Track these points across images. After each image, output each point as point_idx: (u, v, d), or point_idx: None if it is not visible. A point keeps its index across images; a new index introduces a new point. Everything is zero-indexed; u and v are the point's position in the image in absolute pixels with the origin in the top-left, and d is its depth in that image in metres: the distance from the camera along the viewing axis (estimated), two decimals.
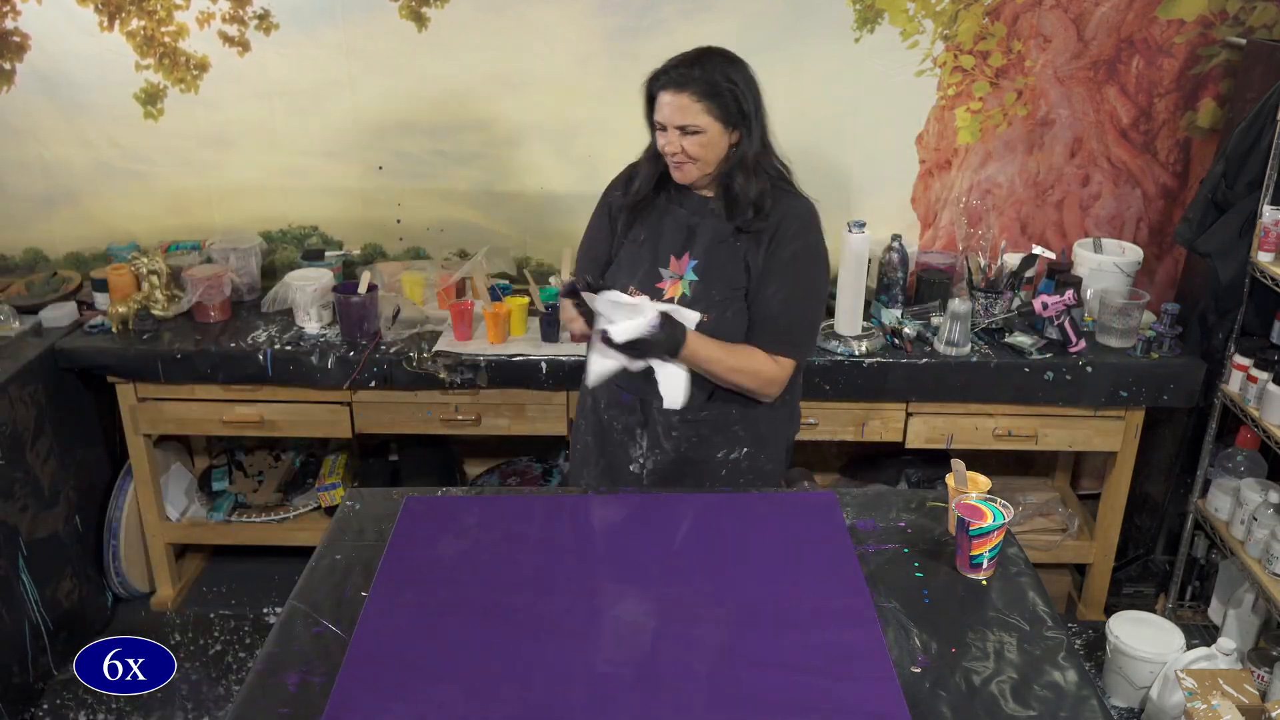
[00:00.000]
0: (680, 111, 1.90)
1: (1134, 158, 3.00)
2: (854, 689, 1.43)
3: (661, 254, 2.01)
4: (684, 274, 1.99)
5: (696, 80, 1.89)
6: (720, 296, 1.97)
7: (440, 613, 1.59)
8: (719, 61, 1.92)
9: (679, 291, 1.98)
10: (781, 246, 1.97)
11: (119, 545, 2.98)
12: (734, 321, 1.98)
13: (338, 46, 2.91)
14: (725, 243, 1.98)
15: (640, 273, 2.02)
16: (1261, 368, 2.56)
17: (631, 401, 2.09)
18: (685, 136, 1.92)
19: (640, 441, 2.12)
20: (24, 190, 3.09)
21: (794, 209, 2.00)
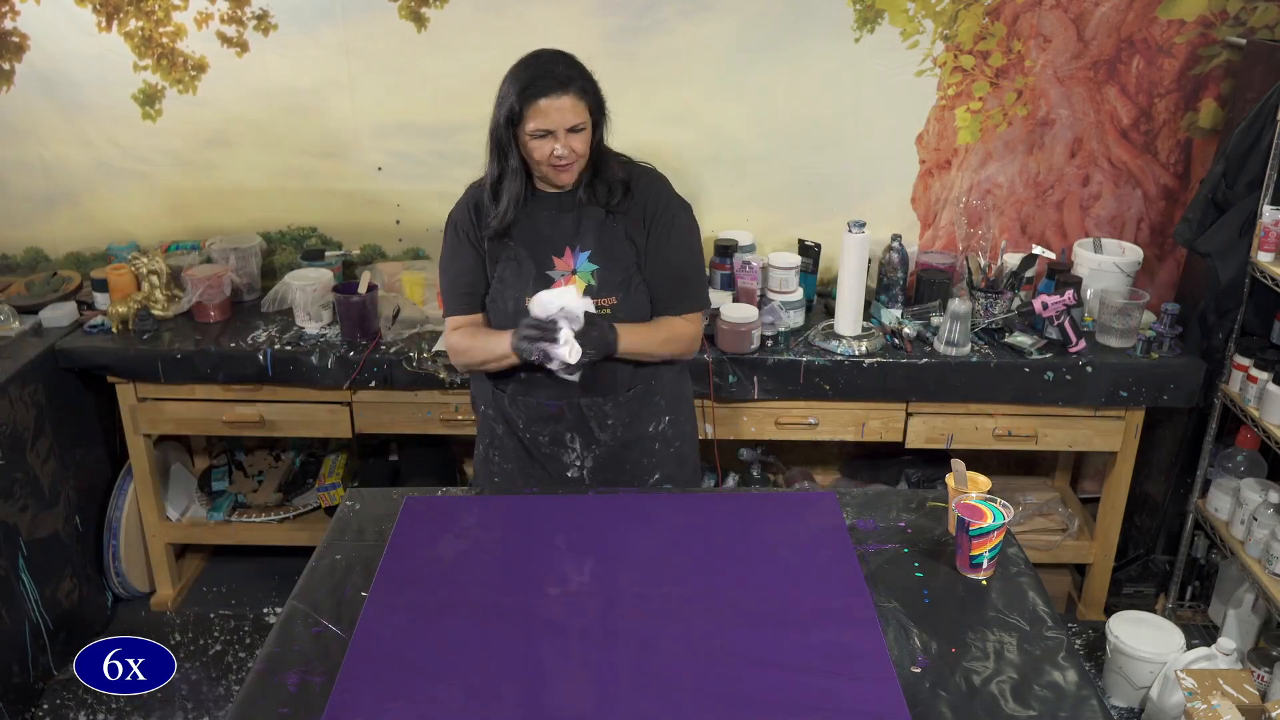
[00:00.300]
0: (570, 112, 1.91)
1: (1134, 158, 3.00)
2: (854, 689, 1.43)
3: (542, 258, 2.02)
4: (576, 267, 2.01)
5: (575, 79, 1.92)
6: (620, 278, 2.02)
7: (440, 613, 1.59)
8: (573, 59, 1.96)
9: (582, 285, 1.98)
10: (659, 216, 2.05)
11: (119, 545, 2.98)
12: (637, 299, 2.04)
13: (337, 47, 2.91)
14: (606, 226, 2.02)
15: (530, 281, 2.01)
16: (1261, 368, 2.56)
17: (559, 408, 2.09)
18: (572, 136, 1.93)
19: (573, 445, 2.12)
20: (24, 190, 3.09)
21: (648, 178, 2.09)
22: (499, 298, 2.04)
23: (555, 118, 1.90)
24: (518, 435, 2.14)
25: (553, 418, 2.09)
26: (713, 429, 2.76)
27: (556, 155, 1.93)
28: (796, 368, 2.66)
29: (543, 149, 1.93)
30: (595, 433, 2.11)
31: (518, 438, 2.14)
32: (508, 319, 2.00)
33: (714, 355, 2.66)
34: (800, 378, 2.67)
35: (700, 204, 3.07)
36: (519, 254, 2.02)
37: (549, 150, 1.93)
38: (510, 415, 2.12)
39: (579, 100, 1.92)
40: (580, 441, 2.12)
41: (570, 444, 2.12)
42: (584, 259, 2.01)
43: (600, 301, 2.00)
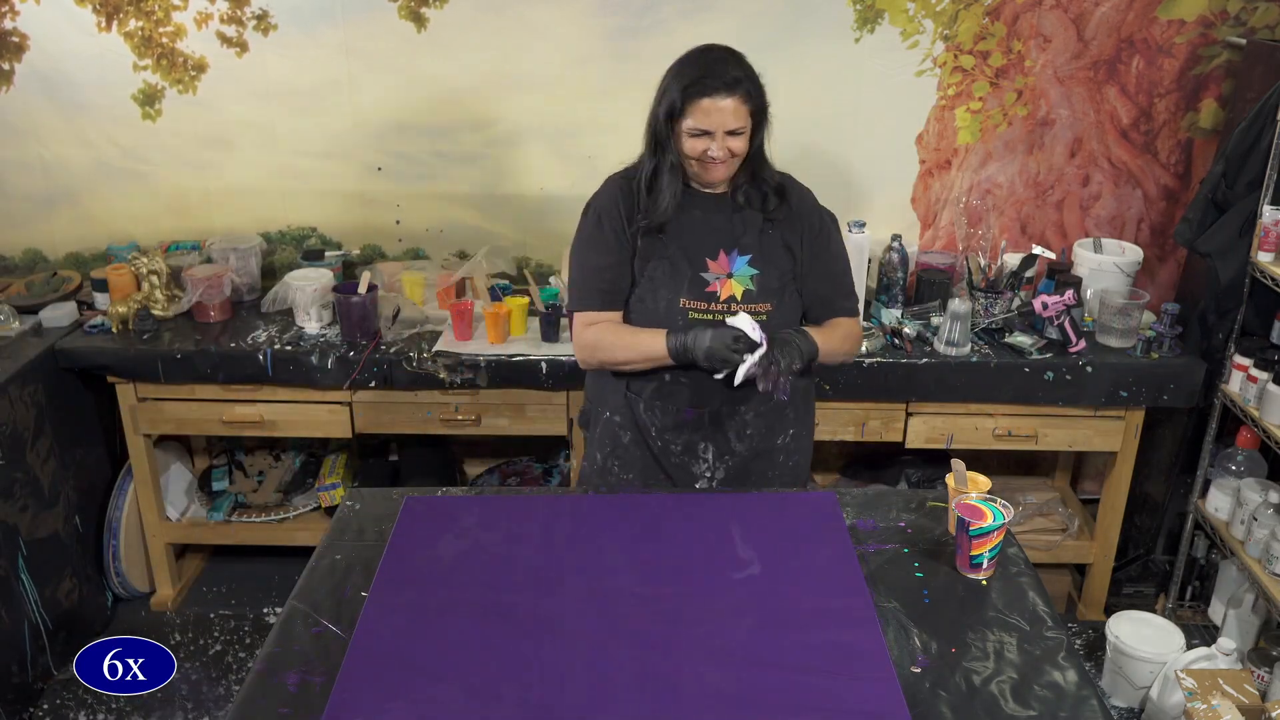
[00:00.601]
0: (733, 115, 1.88)
1: (1134, 158, 3.00)
2: (854, 689, 1.43)
3: (696, 259, 1.98)
4: (733, 271, 1.98)
5: (742, 82, 1.89)
6: (778, 285, 2.00)
7: (440, 613, 1.59)
8: (742, 59, 1.93)
9: (739, 289, 1.97)
10: (818, 228, 2.05)
11: (119, 545, 2.98)
12: (790, 306, 2.03)
13: (337, 47, 2.91)
14: (765, 232, 2.00)
15: (685, 283, 1.97)
16: (1261, 368, 2.56)
17: (697, 416, 2.04)
18: (730, 138, 1.90)
19: (705, 455, 2.08)
20: (24, 190, 3.09)
21: (800, 188, 2.08)
22: (649, 297, 1.98)
23: (716, 118, 1.88)
24: (647, 444, 2.08)
25: (689, 425, 2.05)
26: None
27: (710, 155, 1.91)
28: None
29: (697, 146, 1.91)
30: (732, 442, 2.07)
31: (647, 446, 2.09)
32: (657, 319, 1.96)
33: None
34: None
35: None
36: (673, 253, 1.98)
37: (703, 149, 1.91)
38: (644, 422, 2.06)
39: (743, 104, 1.88)
40: (714, 451, 2.07)
41: (703, 454, 2.08)
42: (743, 263, 1.98)
43: (757, 307, 1.97)
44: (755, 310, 1.96)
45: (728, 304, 1.97)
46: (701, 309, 1.96)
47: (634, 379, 2.04)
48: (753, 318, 1.89)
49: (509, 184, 3.07)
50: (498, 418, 2.81)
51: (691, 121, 1.89)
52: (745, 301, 1.97)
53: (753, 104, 1.91)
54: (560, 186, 3.07)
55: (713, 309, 1.96)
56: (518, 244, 3.14)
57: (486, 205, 3.11)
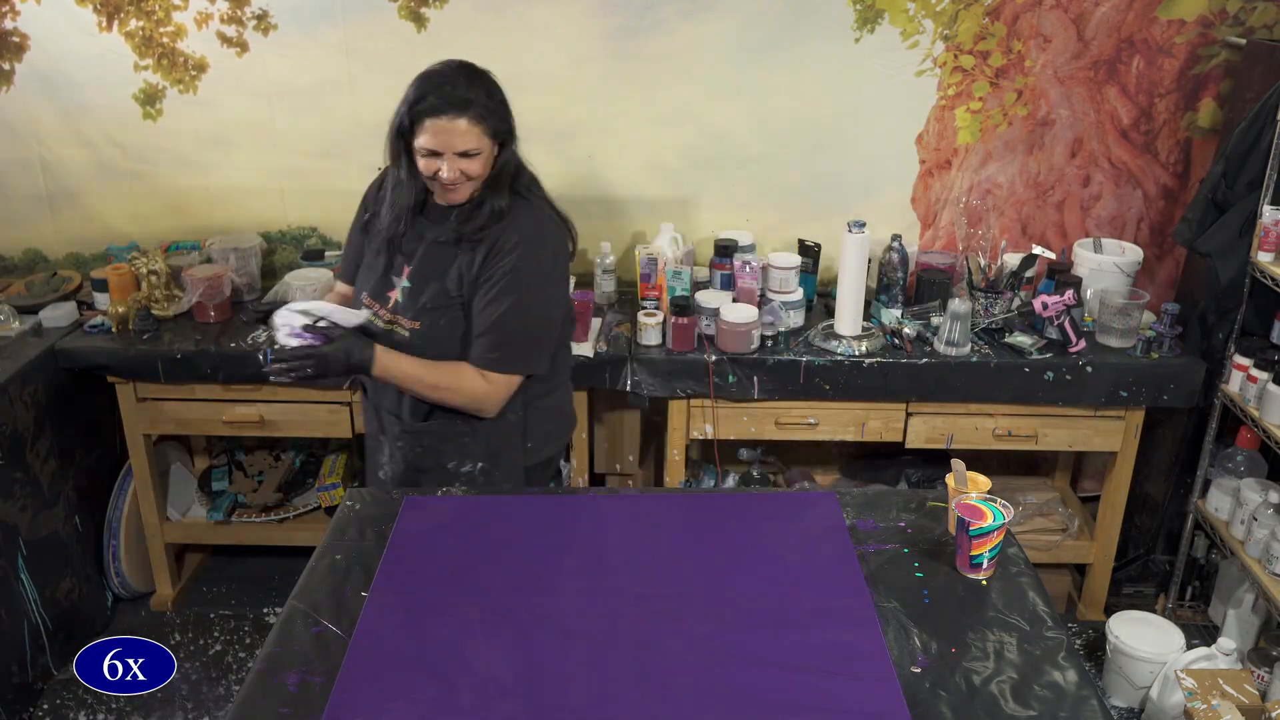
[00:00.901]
0: (462, 136, 1.83)
1: (1134, 158, 3.00)
2: (854, 689, 1.43)
3: (396, 262, 2.00)
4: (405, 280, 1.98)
5: (473, 103, 1.84)
6: (431, 304, 1.95)
7: (440, 613, 1.59)
8: (481, 78, 1.89)
9: (399, 297, 1.96)
10: (495, 259, 1.92)
11: (119, 545, 2.98)
12: (446, 330, 1.96)
13: (337, 47, 2.91)
14: (440, 249, 1.95)
15: (374, 281, 2.02)
16: (1261, 368, 2.56)
17: (368, 408, 2.11)
18: (463, 159, 1.86)
19: (384, 446, 2.13)
20: (24, 190, 3.09)
21: (522, 224, 1.94)
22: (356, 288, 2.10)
23: (445, 139, 1.83)
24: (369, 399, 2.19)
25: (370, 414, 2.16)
26: (713, 429, 2.76)
27: (441, 176, 1.87)
28: (796, 368, 2.66)
29: (429, 166, 1.88)
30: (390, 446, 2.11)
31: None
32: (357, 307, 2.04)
33: (714, 355, 2.66)
34: (800, 378, 2.67)
35: (700, 204, 3.09)
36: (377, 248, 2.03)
37: (434, 169, 1.88)
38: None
39: (474, 124, 1.84)
40: (387, 450, 2.12)
41: (383, 445, 2.13)
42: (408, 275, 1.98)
43: (402, 320, 1.97)
44: (399, 323, 1.96)
45: (389, 310, 1.99)
46: (375, 309, 2.02)
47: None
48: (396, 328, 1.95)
49: None
50: None
51: (421, 140, 1.85)
52: (394, 311, 1.97)
53: (489, 125, 1.86)
54: (560, 186, 3.02)
55: (380, 312, 2.01)
56: None
57: None
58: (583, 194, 3.07)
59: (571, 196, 3.05)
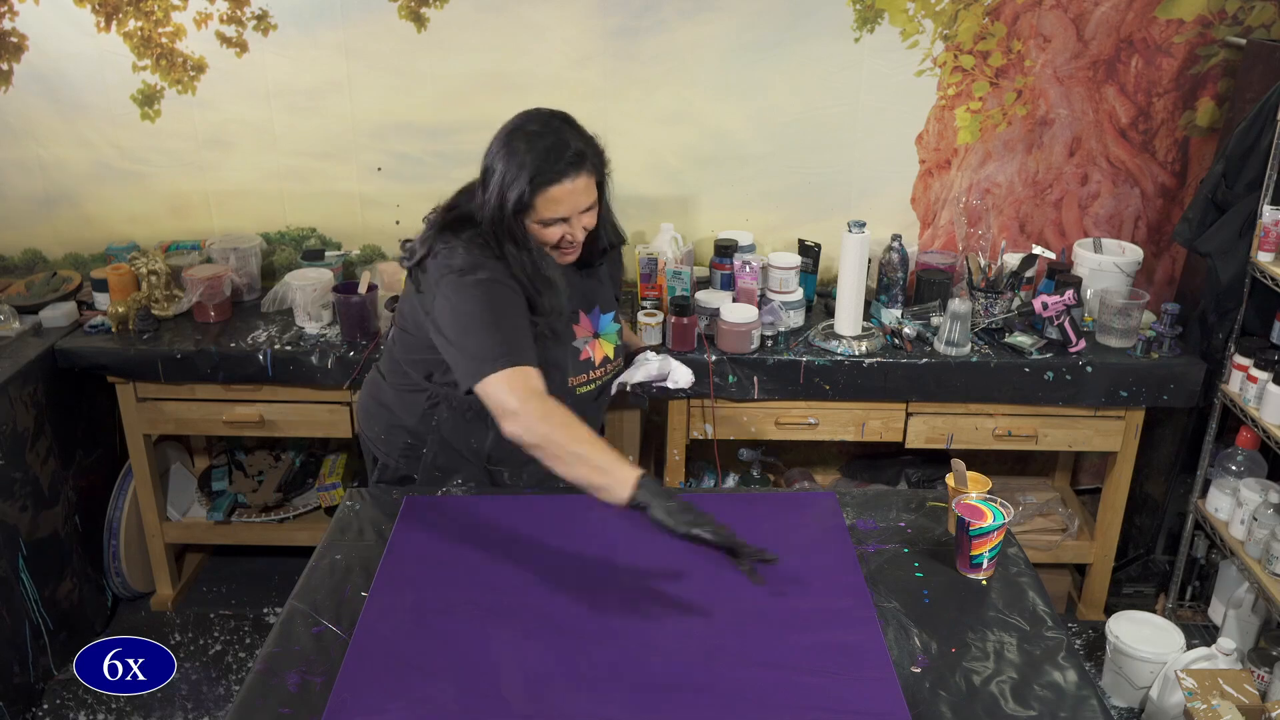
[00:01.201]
0: (585, 194, 1.73)
1: (1133, 157, 3.00)
2: (854, 689, 1.43)
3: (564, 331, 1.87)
4: (599, 330, 1.90)
5: (586, 155, 1.72)
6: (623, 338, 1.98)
7: (440, 613, 1.59)
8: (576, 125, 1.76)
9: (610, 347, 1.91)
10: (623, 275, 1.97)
11: (119, 545, 2.98)
12: None
13: (336, 47, 2.91)
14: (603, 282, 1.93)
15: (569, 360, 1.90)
16: (1261, 368, 2.56)
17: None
18: (585, 215, 1.77)
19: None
20: (24, 190, 3.09)
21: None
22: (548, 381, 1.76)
23: (571, 201, 1.71)
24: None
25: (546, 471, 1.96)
26: (713, 429, 2.76)
27: (568, 240, 1.75)
28: (796, 368, 2.67)
29: (553, 235, 1.74)
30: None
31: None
32: None
33: (714, 355, 2.66)
34: (800, 378, 2.67)
35: (700, 204, 3.09)
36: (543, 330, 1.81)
37: (559, 235, 1.74)
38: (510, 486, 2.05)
39: (590, 177, 1.73)
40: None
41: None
42: (607, 320, 1.88)
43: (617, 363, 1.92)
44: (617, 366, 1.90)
45: (603, 367, 1.89)
46: (584, 381, 1.90)
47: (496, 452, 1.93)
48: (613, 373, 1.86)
49: None
50: None
51: (543, 213, 1.71)
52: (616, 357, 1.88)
53: (599, 173, 1.76)
54: None
55: (592, 377, 1.91)
56: None
57: None
58: None
59: None
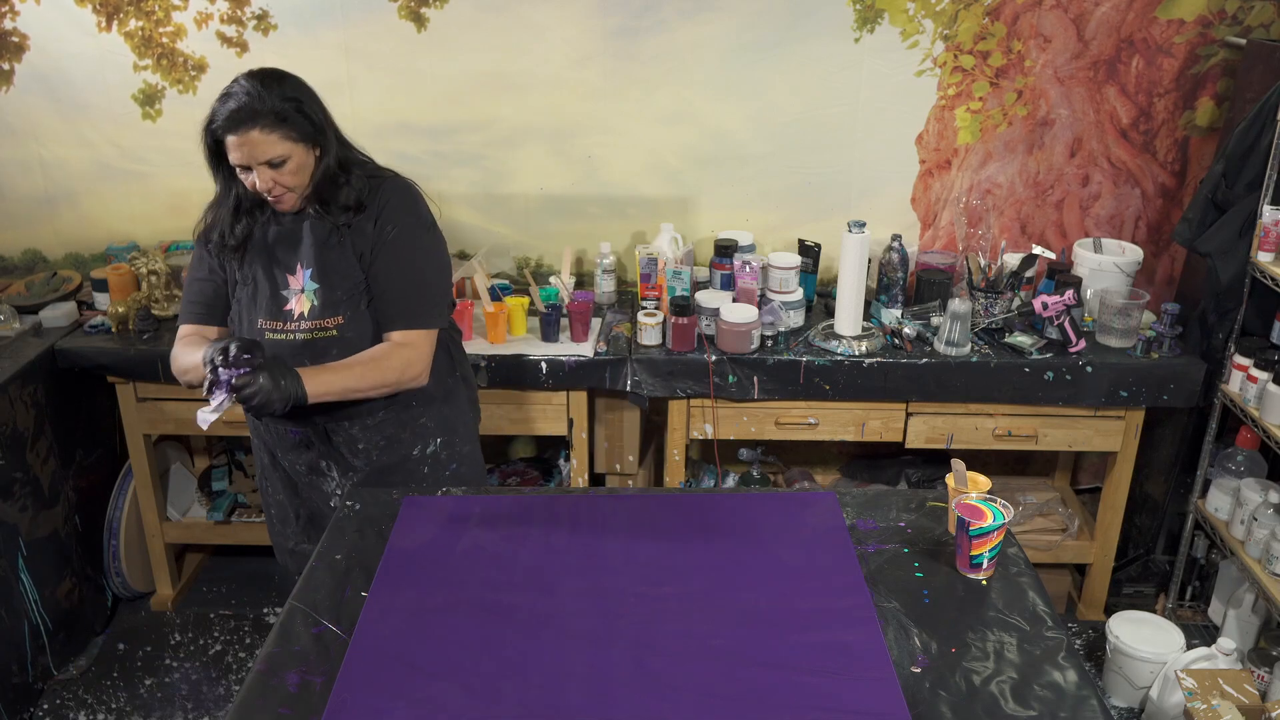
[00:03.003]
0: (261, 147, 1.83)
1: (1133, 157, 3.00)
2: (854, 689, 1.43)
3: (278, 277, 1.96)
4: (304, 286, 1.95)
5: (262, 113, 1.82)
6: (345, 295, 1.95)
7: (440, 613, 1.59)
8: (273, 84, 1.86)
9: (308, 304, 1.94)
10: (384, 227, 1.95)
11: (119, 545, 2.98)
12: (368, 314, 1.97)
13: (337, 47, 2.91)
14: (330, 243, 1.95)
15: (263, 303, 1.96)
16: (1261, 368, 2.56)
17: (302, 434, 2.04)
18: (274, 169, 1.86)
19: (330, 473, 2.09)
20: (24, 190, 3.10)
21: (387, 191, 1.98)
22: (237, 320, 2.00)
23: (246, 152, 1.83)
24: (281, 465, 2.11)
25: (302, 444, 2.06)
26: (713, 429, 2.76)
27: (264, 189, 1.87)
28: (796, 368, 2.67)
29: (247, 180, 1.87)
30: (348, 458, 2.08)
31: (282, 468, 2.11)
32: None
33: (714, 355, 2.66)
34: (800, 378, 2.67)
35: (700, 204, 3.09)
36: (256, 273, 1.96)
37: (253, 182, 1.87)
38: (270, 443, 2.09)
39: (270, 133, 1.82)
40: (337, 469, 2.09)
41: (328, 471, 2.09)
42: (307, 276, 1.94)
43: (325, 322, 1.95)
44: (323, 325, 1.93)
45: (299, 321, 1.94)
46: (278, 328, 1.95)
47: None
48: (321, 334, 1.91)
49: (509, 184, 3.08)
50: (498, 418, 2.81)
51: (231, 157, 1.85)
52: (312, 317, 1.93)
53: (284, 131, 1.84)
54: (560, 186, 3.07)
55: (287, 328, 1.95)
56: (518, 244, 3.14)
57: (486, 205, 3.11)
58: (583, 194, 3.07)
59: (571, 196, 3.07)
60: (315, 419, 2.01)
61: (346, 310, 1.95)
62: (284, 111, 1.84)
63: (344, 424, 2.03)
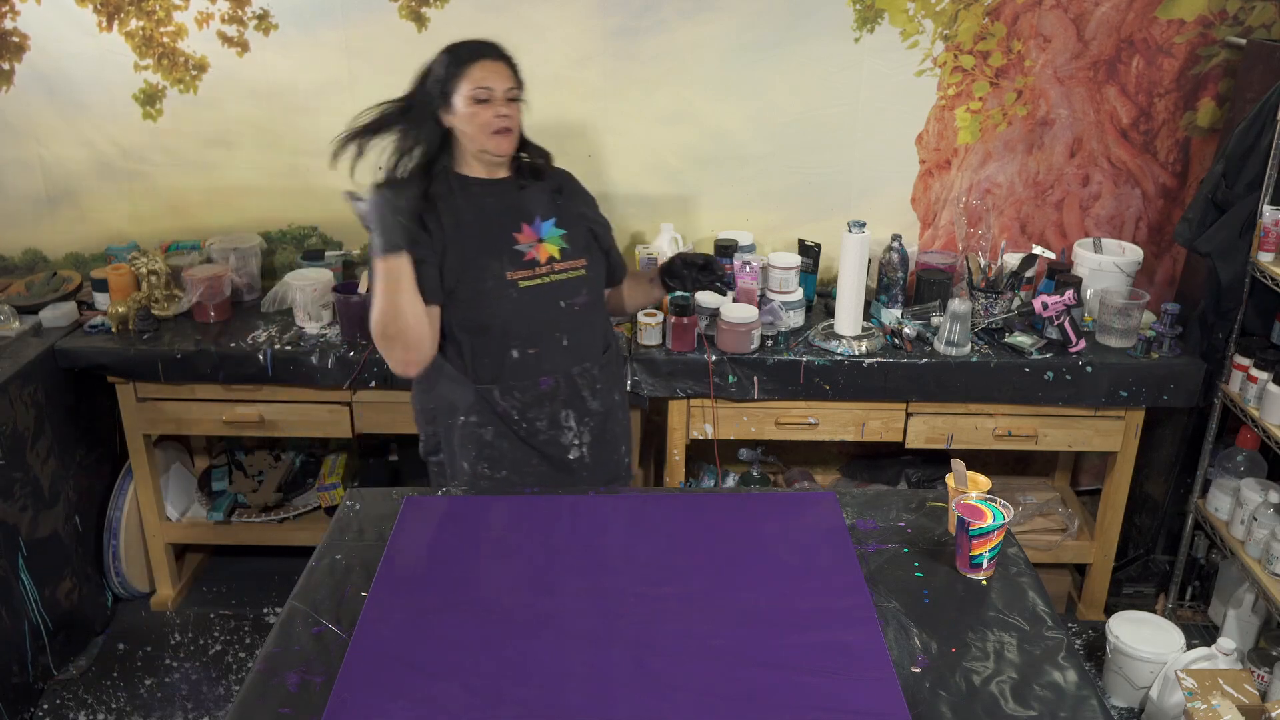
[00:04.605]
0: (508, 77, 1.97)
1: (1134, 157, 3.00)
2: (854, 689, 1.43)
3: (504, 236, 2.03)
4: (542, 236, 2.05)
5: (503, 51, 2.00)
6: (584, 244, 2.11)
7: (440, 613, 1.60)
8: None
9: (554, 249, 2.05)
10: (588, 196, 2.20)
11: (119, 545, 2.98)
12: (599, 265, 2.15)
13: (337, 47, 2.91)
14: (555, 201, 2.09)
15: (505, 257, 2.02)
16: (1261, 368, 2.56)
17: (553, 383, 2.08)
18: (510, 103, 1.98)
19: (568, 423, 2.12)
20: (24, 190, 3.09)
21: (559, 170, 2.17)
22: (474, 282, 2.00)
23: (495, 79, 1.95)
24: (513, 430, 2.10)
25: (547, 396, 2.08)
26: (713, 429, 2.76)
27: (498, 120, 1.95)
28: (796, 368, 2.67)
29: (481, 115, 1.95)
30: (588, 401, 2.13)
31: (513, 433, 2.10)
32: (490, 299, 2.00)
33: (714, 355, 2.66)
34: (800, 378, 2.67)
35: (700, 204, 3.10)
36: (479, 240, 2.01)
37: (488, 115, 1.95)
38: (503, 410, 2.07)
39: (511, 68, 1.99)
40: (575, 416, 2.13)
41: (565, 422, 2.12)
42: (549, 226, 2.05)
43: (575, 263, 2.07)
44: (573, 267, 2.07)
45: (549, 265, 2.05)
46: (528, 276, 2.03)
47: (482, 374, 2.05)
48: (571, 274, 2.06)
49: None
50: None
51: (469, 86, 1.94)
52: (563, 259, 2.05)
53: (518, 78, 2.01)
54: None
55: (539, 274, 2.04)
56: None
57: None
58: None
59: None
60: (567, 362, 2.09)
61: (586, 254, 2.10)
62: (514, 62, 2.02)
63: (586, 365, 2.12)
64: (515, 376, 2.06)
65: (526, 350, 2.04)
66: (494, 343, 2.03)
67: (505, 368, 2.05)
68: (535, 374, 2.06)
